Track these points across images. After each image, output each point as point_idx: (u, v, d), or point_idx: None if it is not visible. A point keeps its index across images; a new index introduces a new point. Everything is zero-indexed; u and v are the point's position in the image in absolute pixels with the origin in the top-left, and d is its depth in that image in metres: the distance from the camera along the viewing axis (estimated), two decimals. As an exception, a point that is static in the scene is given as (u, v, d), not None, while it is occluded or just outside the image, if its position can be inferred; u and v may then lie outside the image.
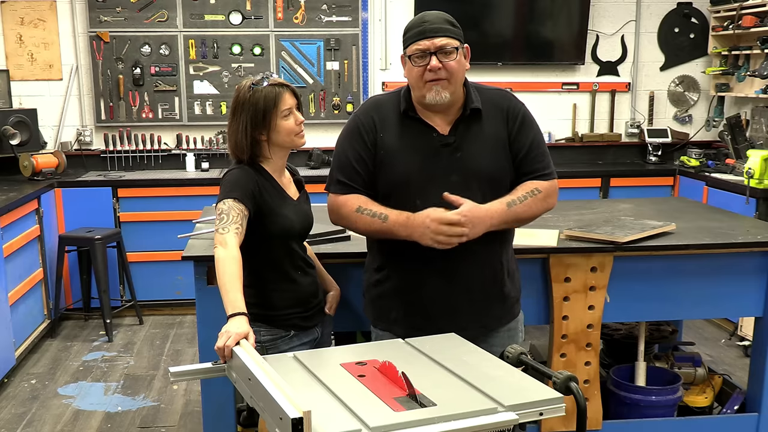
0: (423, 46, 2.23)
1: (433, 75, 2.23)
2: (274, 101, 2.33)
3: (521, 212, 2.32)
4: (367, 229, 2.35)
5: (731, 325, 4.96)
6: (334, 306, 2.59)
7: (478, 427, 1.62)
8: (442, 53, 2.23)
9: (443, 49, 2.23)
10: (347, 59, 5.78)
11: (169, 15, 5.58)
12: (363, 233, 2.41)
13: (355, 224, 2.36)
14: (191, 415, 3.90)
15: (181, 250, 2.86)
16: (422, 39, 2.23)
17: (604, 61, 6.09)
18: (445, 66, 2.23)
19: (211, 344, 1.98)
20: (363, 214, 2.32)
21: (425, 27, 2.24)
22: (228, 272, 2.11)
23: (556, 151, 5.95)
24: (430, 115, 2.33)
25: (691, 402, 3.42)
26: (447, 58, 2.23)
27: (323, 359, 2.05)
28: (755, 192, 4.65)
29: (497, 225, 2.28)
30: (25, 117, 5.33)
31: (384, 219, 2.28)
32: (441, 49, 2.23)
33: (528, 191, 2.33)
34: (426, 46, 2.23)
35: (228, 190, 2.29)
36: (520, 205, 2.31)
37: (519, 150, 2.35)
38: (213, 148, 5.77)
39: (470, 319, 2.35)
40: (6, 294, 4.28)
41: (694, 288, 3.08)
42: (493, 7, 5.84)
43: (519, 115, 2.37)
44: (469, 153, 2.31)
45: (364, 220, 2.32)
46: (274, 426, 1.60)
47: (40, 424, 3.83)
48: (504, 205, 2.29)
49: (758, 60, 5.44)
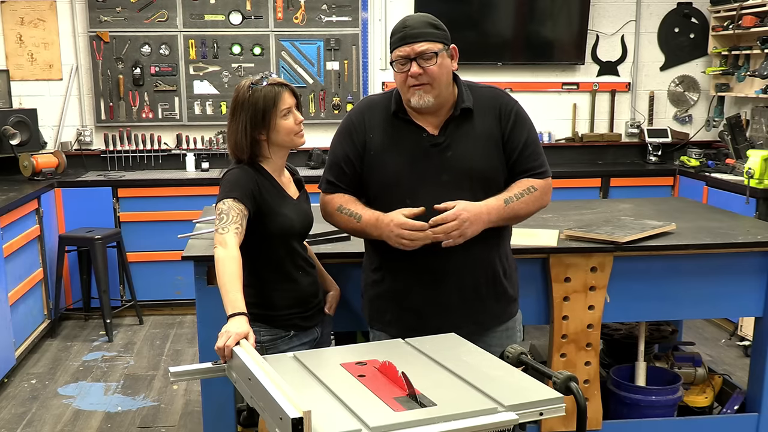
0: (403, 53, 2.24)
1: (415, 81, 2.24)
2: (273, 101, 2.33)
3: (518, 209, 2.32)
4: (346, 228, 2.42)
5: (731, 325, 4.96)
6: (333, 306, 2.59)
7: (478, 427, 1.62)
8: (422, 59, 2.23)
9: (423, 55, 2.23)
10: (347, 59, 5.78)
11: (169, 15, 5.58)
12: (346, 232, 2.46)
13: (337, 223, 2.43)
14: (191, 415, 3.90)
15: (181, 250, 2.86)
16: (402, 45, 2.24)
17: (604, 61, 6.09)
18: (426, 71, 2.23)
19: (211, 344, 1.98)
20: (342, 213, 2.38)
21: (405, 33, 2.24)
22: (228, 272, 2.11)
23: (556, 151, 5.96)
24: (419, 116, 2.34)
25: (691, 402, 3.42)
26: (427, 63, 2.23)
27: (323, 359, 2.05)
28: (755, 192, 4.65)
29: (495, 221, 2.29)
30: (25, 117, 5.33)
31: (358, 219, 2.34)
32: (421, 54, 2.23)
33: (524, 189, 2.34)
34: (406, 53, 2.24)
35: (227, 190, 2.29)
36: (517, 202, 2.31)
37: (513, 149, 2.35)
38: (213, 148, 5.77)
39: (464, 319, 2.35)
40: (6, 294, 4.28)
41: (694, 288, 3.08)
42: (493, 7, 5.84)
43: (512, 114, 2.36)
44: (459, 152, 2.31)
45: (343, 219, 2.38)
46: (274, 426, 1.60)
47: (40, 424, 3.83)
48: (501, 201, 2.29)
49: (758, 60, 5.44)
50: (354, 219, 2.34)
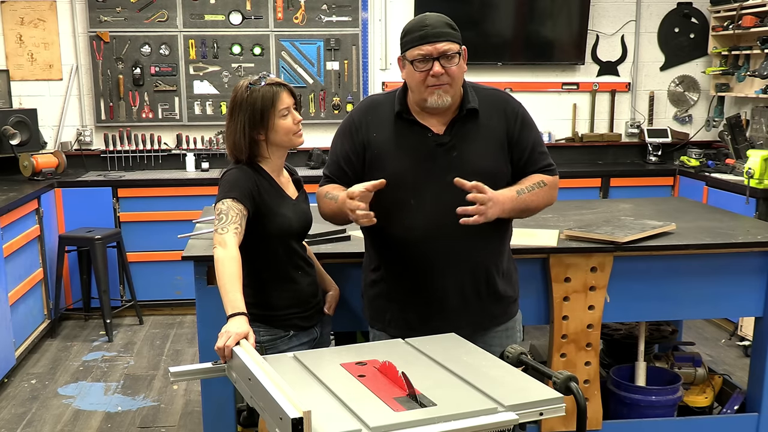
0: (425, 51, 2.20)
1: (436, 80, 2.22)
2: (271, 101, 2.33)
3: (529, 201, 2.32)
4: (329, 213, 2.38)
5: (731, 325, 4.96)
6: (333, 306, 2.59)
7: (478, 427, 1.62)
8: (444, 58, 2.21)
9: (446, 54, 2.21)
10: (347, 59, 5.78)
11: (169, 15, 5.58)
12: (329, 218, 2.42)
13: (323, 210, 2.41)
14: (191, 415, 3.90)
15: (181, 250, 2.86)
16: (424, 44, 2.21)
17: (604, 61, 6.09)
18: (448, 71, 2.22)
19: (211, 344, 1.98)
20: (327, 198, 2.37)
21: (427, 31, 2.21)
22: (227, 272, 2.11)
23: (556, 151, 5.95)
24: (425, 116, 2.33)
25: (691, 402, 3.42)
26: (449, 63, 2.22)
27: (323, 359, 2.05)
28: (755, 192, 4.65)
29: (508, 211, 2.27)
30: (25, 117, 5.33)
31: (335, 200, 2.31)
32: (443, 54, 2.21)
33: (535, 182, 2.34)
34: (428, 51, 2.20)
35: (227, 190, 2.29)
36: (528, 194, 2.31)
37: (523, 150, 2.36)
38: (213, 148, 5.77)
39: (464, 319, 2.35)
40: (6, 294, 4.28)
41: (694, 288, 3.08)
42: (493, 7, 5.84)
43: (519, 117, 2.37)
44: (465, 152, 2.31)
45: (327, 204, 2.37)
46: (274, 426, 1.60)
47: (40, 424, 3.83)
48: (514, 192, 2.29)
49: (758, 60, 5.44)
50: (333, 201, 2.32)
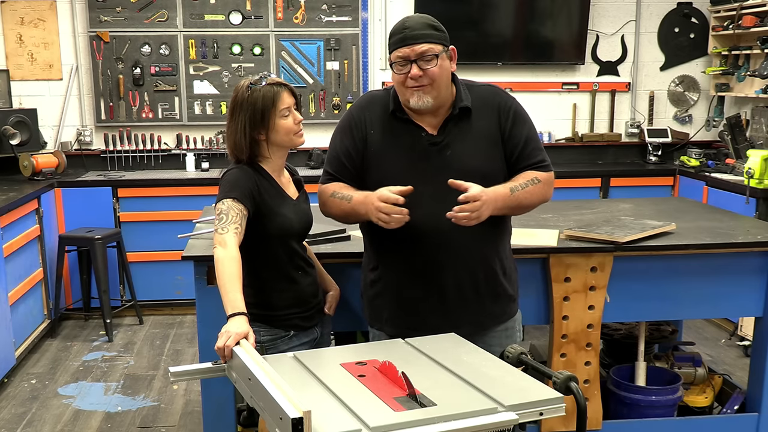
0: (403, 54, 2.23)
1: (415, 82, 2.23)
2: (272, 100, 2.33)
3: (523, 198, 2.32)
4: (338, 212, 2.38)
5: (731, 325, 4.96)
6: (333, 306, 2.59)
7: (478, 427, 1.62)
8: (422, 60, 2.22)
9: (424, 56, 2.22)
10: (347, 59, 5.78)
11: (169, 15, 5.58)
12: (337, 218, 2.42)
13: (331, 209, 2.39)
14: (191, 415, 3.90)
15: (181, 250, 2.86)
16: (402, 46, 2.23)
17: (604, 61, 6.09)
18: (426, 73, 2.23)
19: (211, 344, 1.98)
20: (335, 197, 2.35)
21: (406, 34, 2.23)
22: (227, 272, 2.11)
23: (556, 151, 5.96)
24: (418, 115, 2.33)
25: (691, 402, 3.42)
26: (428, 64, 2.22)
27: (323, 359, 2.05)
28: (755, 192, 4.65)
29: (501, 209, 2.28)
30: (25, 117, 5.33)
31: (349, 200, 2.31)
32: (421, 56, 2.22)
33: (528, 179, 2.34)
34: (406, 54, 2.22)
35: (227, 190, 2.29)
36: (522, 191, 2.31)
37: (515, 146, 2.36)
38: (213, 148, 5.77)
39: (463, 318, 2.35)
40: (6, 294, 4.28)
41: (694, 288, 3.08)
42: (493, 7, 5.84)
43: (511, 111, 2.37)
44: (458, 151, 2.31)
45: (336, 203, 2.35)
46: (274, 426, 1.60)
47: (40, 424, 3.83)
48: (507, 189, 2.29)
49: (758, 60, 5.44)
50: (345, 201, 2.32)
